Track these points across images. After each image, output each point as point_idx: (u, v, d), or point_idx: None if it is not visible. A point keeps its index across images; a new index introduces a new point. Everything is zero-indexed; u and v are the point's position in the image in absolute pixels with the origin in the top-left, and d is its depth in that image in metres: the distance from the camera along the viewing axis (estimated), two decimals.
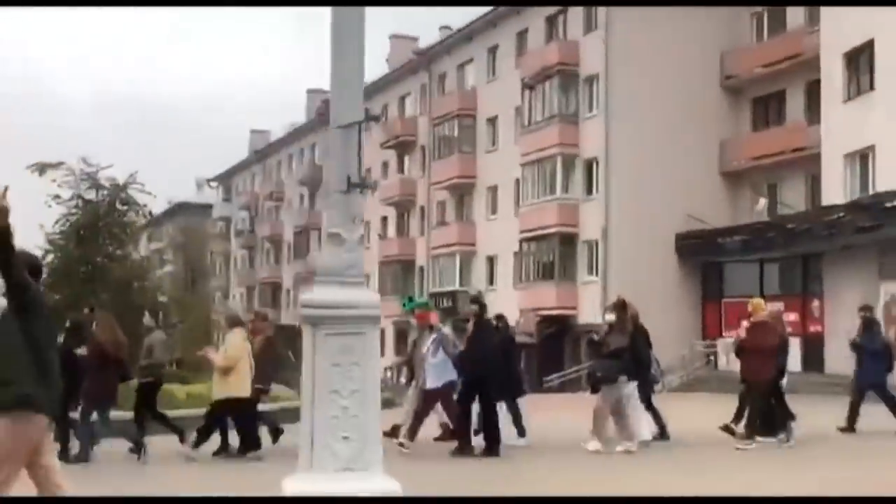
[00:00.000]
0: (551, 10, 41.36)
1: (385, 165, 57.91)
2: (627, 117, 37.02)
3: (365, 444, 8.10)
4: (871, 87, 30.03)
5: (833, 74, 31.80)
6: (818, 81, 33.21)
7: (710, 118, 37.96)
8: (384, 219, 57.61)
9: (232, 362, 13.01)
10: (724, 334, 35.61)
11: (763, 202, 33.94)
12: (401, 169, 56.22)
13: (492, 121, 46.19)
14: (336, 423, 8.00)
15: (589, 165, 38.92)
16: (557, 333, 38.89)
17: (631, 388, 13.58)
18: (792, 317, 30.71)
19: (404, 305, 51.41)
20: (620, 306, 14.06)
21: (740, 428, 14.30)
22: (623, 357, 13.43)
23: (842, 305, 27.60)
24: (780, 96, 36.82)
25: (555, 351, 38.72)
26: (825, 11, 32.37)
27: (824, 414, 16.16)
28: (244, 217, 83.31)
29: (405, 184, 54.19)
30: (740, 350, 14.38)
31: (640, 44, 36.92)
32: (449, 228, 48.85)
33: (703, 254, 36.97)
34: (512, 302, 37.64)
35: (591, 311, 36.95)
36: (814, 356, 31.12)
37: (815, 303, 32.93)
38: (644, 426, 13.89)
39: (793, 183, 35.87)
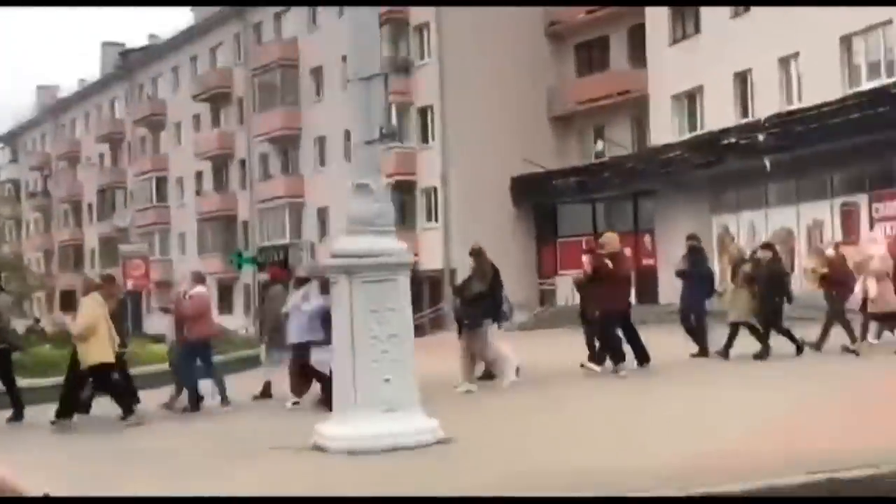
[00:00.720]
0: None
1: (196, 119, 56.45)
2: (460, 66, 37.59)
3: (405, 386, 8.35)
4: (697, 31, 31.70)
5: (658, 19, 33.35)
6: (642, 26, 34.82)
7: (538, 65, 39.00)
8: (199, 174, 56.23)
9: (87, 330, 12.57)
10: (559, 272, 37.15)
11: (601, 143, 35.32)
12: (216, 122, 54.85)
13: (316, 71, 45.73)
14: (377, 366, 8.23)
15: (423, 113, 39.31)
16: None
17: (493, 329, 13.96)
18: (626, 252, 32.30)
19: (232, 262, 50.44)
20: (478, 252, 14.32)
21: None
22: (485, 301, 13.77)
23: (673, 239, 29.19)
24: (603, 42, 38.18)
25: None
26: None
27: (665, 342, 16.19)
28: (35, 178, 79.20)
29: (223, 137, 53.00)
30: (590, 281, 14.73)
31: None
32: (275, 181, 48.31)
33: (537, 196, 38.18)
34: None
35: (432, 257, 37.61)
36: (648, 288, 32.81)
37: (648, 238, 34.72)
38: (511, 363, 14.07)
39: (619, 125, 37.43)
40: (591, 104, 37.88)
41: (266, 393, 14.57)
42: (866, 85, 24.91)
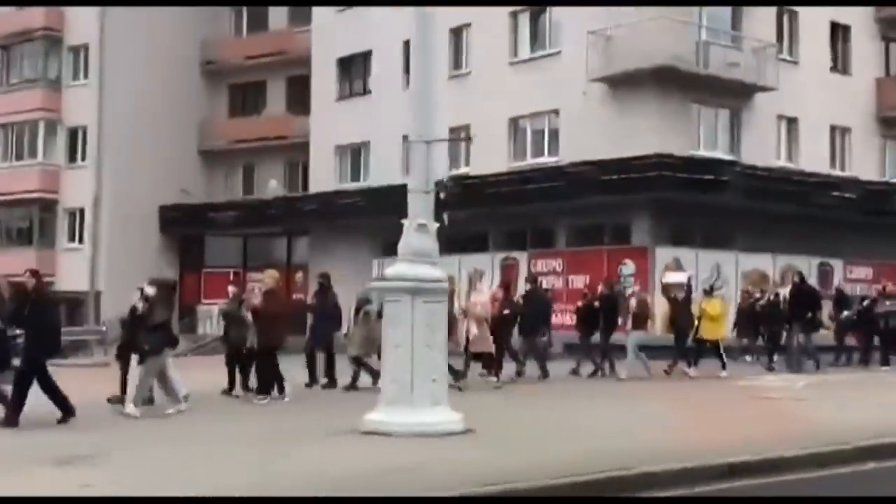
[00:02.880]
0: None
1: None
2: (119, 90, 37.85)
3: (443, 385, 10.82)
4: (366, 91, 35.29)
5: (324, 75, 36.47)
6: (300, 77, 37.82)
7: (192, 99, 40.37)
8: None
9: None
10: (203, 301, 38.55)
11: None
12: None
13: None
14: (429, 369, 10.61)
15: (73, 133, 38.97)
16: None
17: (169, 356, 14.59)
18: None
19: None
20: (166, 284, 15.93)
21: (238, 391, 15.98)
22: (167, 329, 14.59)
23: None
24: (260, 86, 40.54)
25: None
26: (317, 21, 36.88)
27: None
28: None
29: None
30: (255, 316, 15.42)
31: (134, 20, 37.96)
32: None
33: (185, 226, 39.39)
34: None
35: (73, 278, 37.34)
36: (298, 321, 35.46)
37: (300, 274, 37.40)
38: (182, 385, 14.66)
39: (272, 166, 39.86)
40: (245, 144, 40.00)
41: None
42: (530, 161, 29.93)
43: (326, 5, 36.44)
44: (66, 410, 12.58)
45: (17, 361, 12.96)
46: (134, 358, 14.32)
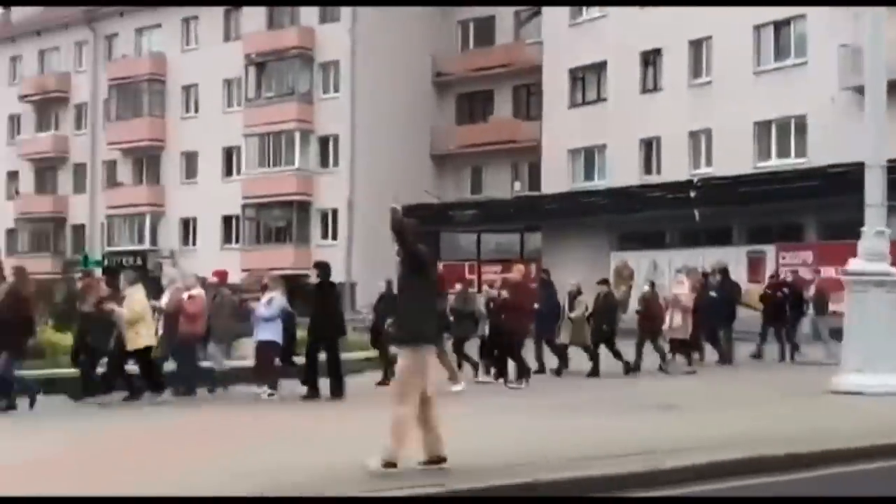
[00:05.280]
0: None
1: (13, 119, 55.72)
2: (363, 101, 42.10)
3: None
4: (600, 98, 38.64)
5: (556, 84, 39.90)
6: (525, 86, 41.49)
7: (424, 108, 44.35)
8: (13, 174, 55.46)
9: (138, 316, 14.43)
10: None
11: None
12: (42, 125, 54.59)
13: (189, 88, 47.98)
14: (890, 343, 13.86)
15: (324, 141, 43.33)
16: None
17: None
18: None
19: (80, 264, 51.75)
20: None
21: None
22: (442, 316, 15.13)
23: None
24: (487, 94, 44.27)
25: None
26: (547, 34, 40.41)
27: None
28: None
29: (58, 140, 53.09)
30: (503, 306, 16.40)
31: (376, 39, 42.06)
32: (130, 190, 49.55)
33: (424, 224, 43.14)
34: (221, 262, 40.70)
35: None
36: None
37: (533, 266, 41.05)
38: None
39: (499, 168, 43.57)
40: (472, 148, 43.84)
41: None
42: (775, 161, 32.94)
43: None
44: (338, 390, 14.39)
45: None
46: None
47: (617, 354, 18.06)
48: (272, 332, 15.17)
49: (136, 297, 14.58)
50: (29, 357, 14.89)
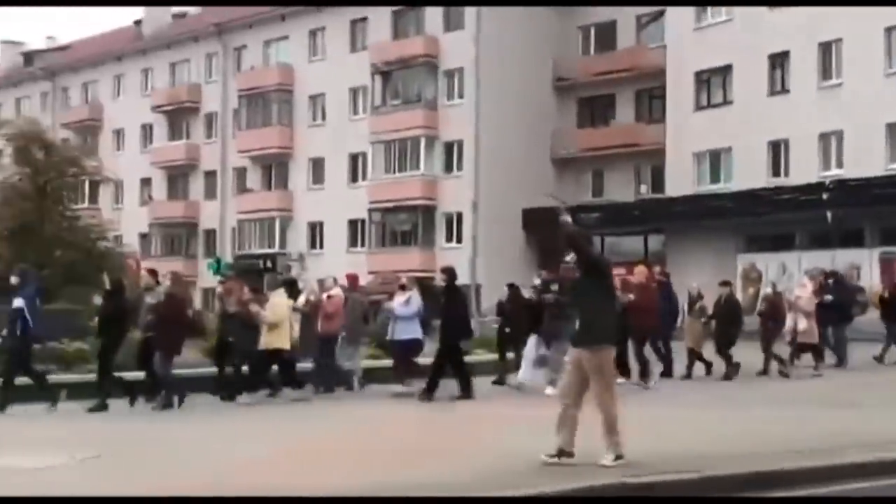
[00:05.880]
0: (397, 6, 46.11)
1: (146, 128, 58.14)
2: (487, 107, 42.81)
3: None
4: (726, 100, 38.80)
5: (680, 88, 40.15)
6: (647, 89, 41.87)
7: (544, 113, 44.99)
8: (146, 180, 57.83)
9: (279, 318, 15.12)
10: None
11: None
12: (173, 133, 56.88)
13: (315, 97, 49.54)
14: None
15: (449, 147, 44.36)
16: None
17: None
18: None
19: (211, 267, 53.43)
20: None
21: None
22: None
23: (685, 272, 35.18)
24: (608, 98, 44.72)
25: None
26: (671, 39, 40.71)
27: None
28: None
29: (190, 149, 55.30)
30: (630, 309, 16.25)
31: (499, 46, 42.88)
32: (261, 195, 51.35)
33: (547, 226, 43.80)
34: (347, 264, 41.88)
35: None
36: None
37: (657, 268, 41.37)
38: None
39: (621, 171, 43.98)
40: (593, 152, 44.31)
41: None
42: None
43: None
44: (467, 391, 14.82)
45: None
46: (531, 340, 16.13)
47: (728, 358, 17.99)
48: (410, 331, 15.91)
49: (278, 301, 15.33)
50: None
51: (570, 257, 9.91)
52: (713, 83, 39.64)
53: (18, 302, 14.36)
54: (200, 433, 12.13)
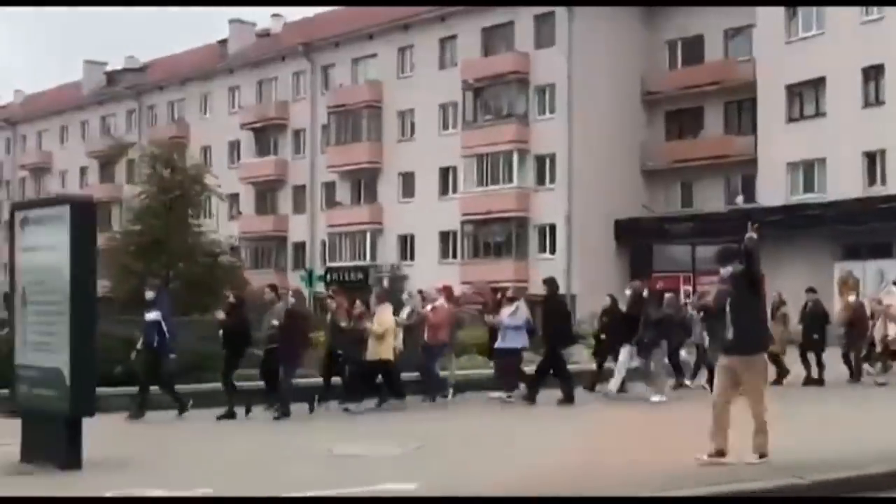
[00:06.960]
0: (486, 23, 47.44)
1: (233, 145, 59.90)
2: (578, 121, 44.13)
3: None
4: (818, 112, 39.69)
5: (771, 100, 41.08)
6: (735, 102, 42.87)
7: (633, 126, 46.06)
8: (234, 196, 59.46)
9: (386, 331, 15.86)
10: None
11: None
12: (261, 150, 58.57)
13: (404, 113, 50.97)
14: None
15: (541, 160, 45.56)
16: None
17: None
18: None
19: (303, 279, 54.91)
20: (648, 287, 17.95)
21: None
22: (664, 325, 17.08)
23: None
24: (697, 111, 45.70)
25: None
26: (760, 52, 41.69)
27: None
28: None
29: (278, 164, 56.97)
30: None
31: (589, 61, 44.03)
32: (352, 209, 52.84)
33: (638, 237, 45.05)
34: (439, 275, 43.03)
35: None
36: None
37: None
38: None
39: (711, 183, 44.91)
40: (682, 163, 45.29)
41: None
42: None
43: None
44: (569, 396, 15.88)
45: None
46: (624, 349, 16.98)
47: (812, 364, 18.71)
48: (517, 340, 16.66)
49: (385, 314, 16.06)
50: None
51: (724, 270, 10.00)
52: (805, 96, 40.55)
53: (154, 315, 15.22)
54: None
